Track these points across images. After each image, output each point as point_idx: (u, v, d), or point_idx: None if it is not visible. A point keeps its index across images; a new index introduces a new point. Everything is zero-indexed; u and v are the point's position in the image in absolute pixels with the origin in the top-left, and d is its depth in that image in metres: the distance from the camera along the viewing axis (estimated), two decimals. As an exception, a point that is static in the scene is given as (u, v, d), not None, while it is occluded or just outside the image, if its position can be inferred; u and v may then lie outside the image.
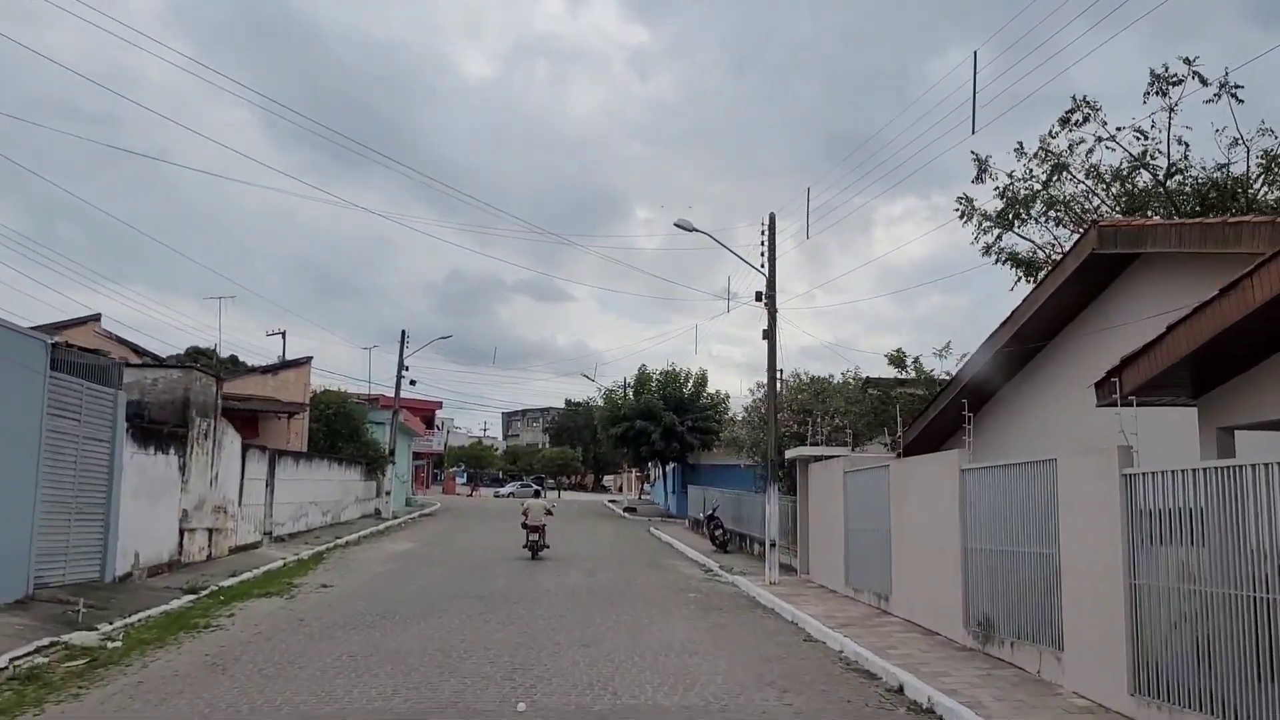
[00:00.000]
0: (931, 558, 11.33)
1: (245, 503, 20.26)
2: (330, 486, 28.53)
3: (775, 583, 16.23)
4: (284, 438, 28.86)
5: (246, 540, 20.29)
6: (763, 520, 21.34)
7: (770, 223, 16.89)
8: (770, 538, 16.43)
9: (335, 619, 11.95)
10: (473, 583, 16.03)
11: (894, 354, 22.15)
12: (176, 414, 17.01)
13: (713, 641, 11.11)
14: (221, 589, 14.36)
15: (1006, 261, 22.70)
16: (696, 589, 16.28)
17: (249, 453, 20.65)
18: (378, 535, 26.74)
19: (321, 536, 24.16)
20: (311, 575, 16.78)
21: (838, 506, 15.26)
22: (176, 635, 10.56)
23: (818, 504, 16.67)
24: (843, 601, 14.20)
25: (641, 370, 41.23)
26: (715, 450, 40.07)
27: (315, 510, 26.61)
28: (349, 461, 31.50)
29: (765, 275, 16.72)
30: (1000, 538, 9.58)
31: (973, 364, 13.21)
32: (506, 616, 12.46)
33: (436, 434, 73.96)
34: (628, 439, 39.43)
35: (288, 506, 23.76)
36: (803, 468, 17.64)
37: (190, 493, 17.03)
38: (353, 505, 31.60)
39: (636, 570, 18.95)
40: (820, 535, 16.47)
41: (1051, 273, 12.35)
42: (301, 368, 30.18)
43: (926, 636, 11.04)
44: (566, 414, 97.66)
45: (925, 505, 11.62)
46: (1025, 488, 9.01)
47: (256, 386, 29.10)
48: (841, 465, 15.19)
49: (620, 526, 34.69)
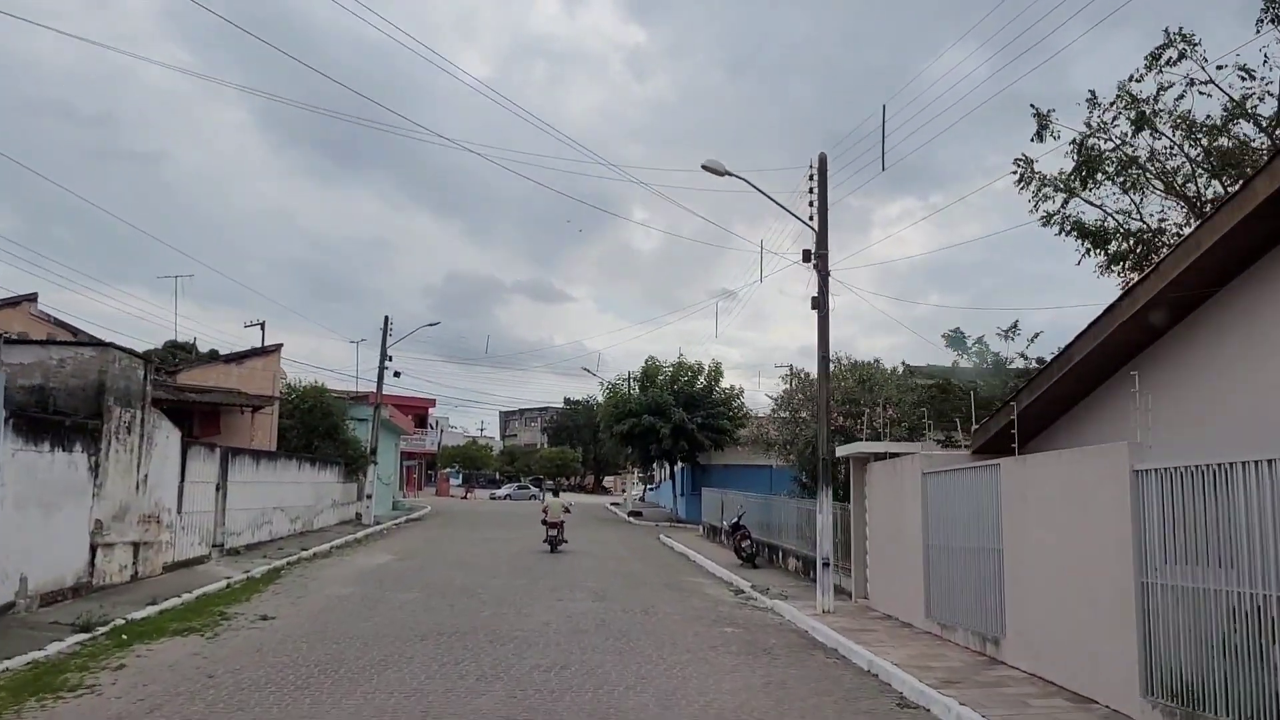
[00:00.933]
0: (1076, 592, 8.16)
1: (187, 510, 17.06)
2: (301, 490, 25.31)
3: (830, 611, 13.04)
4: (250, 435, 25.65)
5: (189, 554, 17.08)
6: (796, 529, 18.15)
7: (820, 167, 13.70)
8: (823, 555, 13.24)
9: (259, 674, 8.75)
10: (453, 613, 12.83)
11: (952, 334, 18.99)
12: (89, 402, 13.81)
13: (776, 710, 7.94)
14: (128, 624, 11.19)
15: (1071, 232, 19.51)
16: (732, 619, 13.08)
17: (192, 451, 17.43)
18: (352, 545, 23.51)
19: (286, 548, 20.95)
20: (255, 600, 13.58)
21: (913, 517, 12.08)
22: (21, 704, 7.41)
23: (882, 513, 13.49)
24: (928, 642, 10.99)
25: (649, 362, 37.99)
26: (729, 449, 36.89)
27: (281, 517, 23.39)
28: (324, 462, 28.28)
29: (814, 229, 13.53)
30: (1203, 569, 6.42)
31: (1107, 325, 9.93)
32: (491, 668, 9.26)
33: (429, 433, 70.72)
34: (634, 437, 36.19)
35: (245, 513, 20.55)
36: (858, 468, 14.46)
37: (106, 499, 13.82)
38: (328, 510, 28.37)
39: (654, 593, 15.75)
40: (885, 552, 13.28)
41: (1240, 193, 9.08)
42: (269, 356, 26.96)
43: (1077, 706, 7.85)
44: (565, 413, 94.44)
45: (1064, 519, 8.44)
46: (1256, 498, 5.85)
47: (219, 377, 25.90)
48: (918, 465, 12.01)
49: (626, 534, 31.46)
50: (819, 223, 13.59)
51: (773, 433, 20.20)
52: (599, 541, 27.22)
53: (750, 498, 21.93)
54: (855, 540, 14.44)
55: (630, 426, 35.54)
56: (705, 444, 35.82)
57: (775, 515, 19.78)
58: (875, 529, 13.77)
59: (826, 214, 13.63)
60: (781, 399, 20.03)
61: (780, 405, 20.19)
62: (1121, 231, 19.62)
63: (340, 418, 31.42)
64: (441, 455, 77.03)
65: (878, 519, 13.66)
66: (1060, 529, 8.51)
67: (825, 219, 13.60)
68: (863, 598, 14.23)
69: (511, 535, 27.88)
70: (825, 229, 13.58)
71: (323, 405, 30.58)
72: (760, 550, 19.74)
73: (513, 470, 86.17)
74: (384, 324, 32.85)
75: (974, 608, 10.30)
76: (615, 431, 36.71)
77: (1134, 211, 19.58)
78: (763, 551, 19.91)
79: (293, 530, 24.30)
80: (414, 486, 66.08)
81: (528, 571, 18.29)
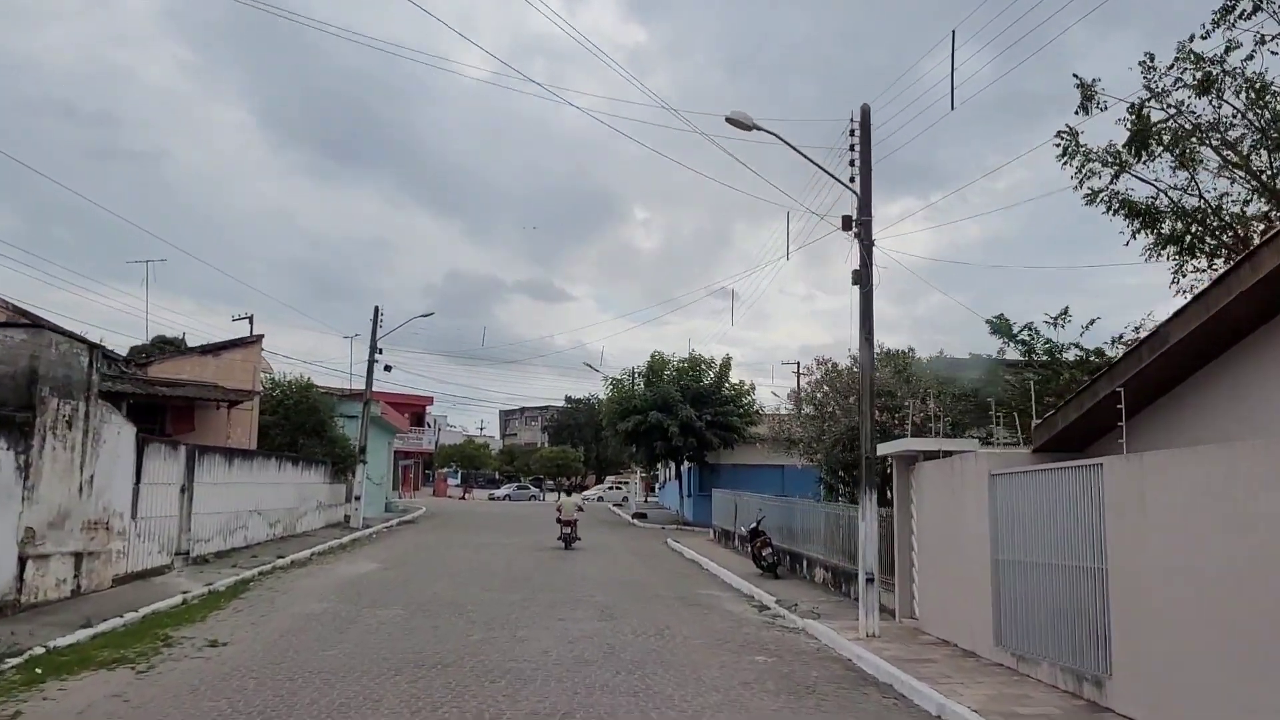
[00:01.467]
0: (1223, 627, 6.34)
1: (144, 515, 15.24)
2: (282, 491, 23.49)
3: (874, 634, 11.22)
4: (227, 432, 23.86)
5: (146, 565, 15.27)
6: (824, 535, 16.35)
7: (863, 120, 11.86)
8: (866, 568, 11.42)
9: (181, 727, 6.95)
10: (436, 636, 11.01)
11: (997, 320, 17.16)
12: (19, 393, 12.00)
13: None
14: (48, 653, 9.40)
15: (1119, 211, 17.66)
16: (761, 644, 11.26)
17: (151, 449, 15.61)
18: (336, 552, 21.68)
19: (261, 555, 19.14)
20: (210, 621, 11.76)
21: (976, 525, 10.26)
22: None
23: (934, 519, 11.66)
24: (1003, 678, 9.16)
25: (655, 356, 36.12)
26: (739, 448, 35.06)
27: (259, 521, 21.58)
28: (309, 461, 26.46)
29: (855, 192, 11.69)
30: None
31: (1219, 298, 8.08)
32: (476, 715, 7.45)
33: (426, 431, 68.91)
34: (639, 435, 34.32)
35: (216, 518, 18.74)
36: (903, 469, 12.64)
37: (40, 504, 12.02)
38: (313, 513, 26.55)
39: (667, 609, 13.93)
40: (939, 565, 11.46)
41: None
42: (249, 348, 25.11)
43: (1236, 777, 6.02)
44: (566, 412, 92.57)
45: (1204, 533, 6.61)
46: None
47: (194, 370, 24.08)
48: (983, 465, 10.19)
49: (632, 538, 29.63)
50: (861, 184, 11.76)
51: (795, 430, 18.38)
52: (603, 547, 25.39)
53: (769, 500, 20.07)
54: (899, 551, 12.61)
55: (635, 424, 33.69)
56: (714, 442, 33.96)
57: (798, 520, 17.96)
58: (925, 538, 11.94)
59: (870, 174, 11.80)
60: (805, 393, 18.21)
61: (804, 399, 18.36)
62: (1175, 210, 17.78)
63: (328, 414, 29.62)
64: (439, 454, 75.14)
65: (928, 527, 11.83)
66: (1199, 545, 6.68)
67: (869, 180, 11.77)
68: (909, 617, 12.40)
69: (509, 540, 26.07)
70: (869, 191, 11.75)
71: (309, 401, 28.79)
72: (781, 558, 17.91)
73: (512, 470, 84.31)
74: (374, 315, 31.01)
75: (1064, 638, 8.47)
76: (620, 429, 34.84)
77: (1189, 188, 17.72)
78: (784, 560, 18.08)
79: (272, 535, 22.48)
80: (410, 487, 64.29)
81: (525, 582, 16.49)
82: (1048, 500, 8.91)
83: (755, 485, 29.69)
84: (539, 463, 75.69)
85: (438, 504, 51.50)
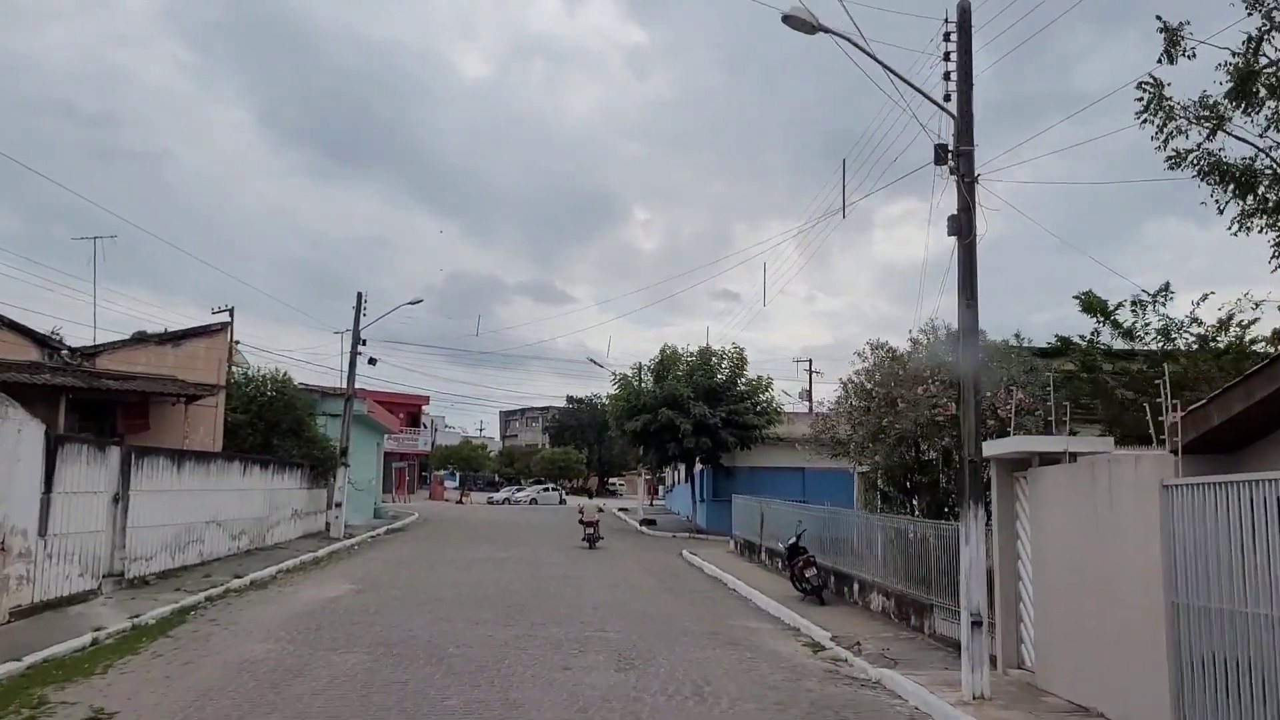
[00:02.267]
0: None
1: (58, 531, 12.50)
2: (248, 498, 20.75)
3: (984, 696, 8.46)
4: (185, 431, 21.12)
5: (60, 591, 12.52)
6: (882, 554, 13.60)
7: (961, 21, 9.10)
8: (972, 608, 8.65)
9: None
10: (403, 696, 8.27)
11: (1087, 296, 14.40)
12: None
13: None
14: None
15: (1210, 174, 14.93)
16: (834, 708, 8.50)
17: (67, 451, 12.88)
18: (306, 569, 18.91)
19: (217, 574, 16.41)
20: (111, 675, 9.03)
21: (1137, 554, 7.51)
22: None
23: (1061, 543, 8.90)
24: (1206, 776, 6.38)
25: (665, 350, 33.30)
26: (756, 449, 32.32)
27: (218, 534, 18.83)
28: (282, 464, 23.72)
29: (952, 115, 8.94)
30: None
31: None
32: None
33: (423, 432, 66.14)
34: (649, 435, 31.51)
35: (161, 531, 16.01)
36: (1005, 476, 9.90)
37: (-105, 521, 9.27)
38: (287, 522, 23.80)
39: (701, 651, 11.15)
40: (1070, 604, 8.68)
41: None
42: (214, 336, 22.35)
43: None
44: (568, 412, 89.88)
45: None
46: None
47: (151, 361, 21.35)
48: (1150, 472, 7.45)
49: (642, 549, 26.85)
50: (959, 104, 8.99)
51: (843, 428, 15.58)
52: (611, 560, 22.64)
53: (809, 511, 17.23)
54: (1002, 581, 9.84)
55: (645, 423, 30.89)
56: (730, 443, 31.16)
57: (847, 534, 15.18)
58: (1044, 566, 9.18)
59: (971, 91, 9.03)
60: (852, 384, 15.44)
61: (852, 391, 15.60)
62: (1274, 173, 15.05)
63: (306, 412, 26.86)
64: (435, 456, 72.31)
65: (1050, 552, 9.07)
66: None
67: (969, 99, 9.01)
68: (1016, 667, 9.64)
69: (507, 553, 23.32)
70: (969, 113, 8.98)
71: (285, 397, 26.02)
72: (826, 579, 15.13)
73: (512, 472, 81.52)
74: (356, 302, 28.24)
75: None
76: (627, 429, 32.03)
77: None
78: (828, 581, 15.31)
79: (235, 549, 19.73)
80: (404, 490, 61.51)
81: (522, 612, 13.75)
82: (1266, 524, 6.16)
83: (774, 489, 26.97)
84: (539, 464, 72.82)
85: (433, 509, 48.74)
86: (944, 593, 11.52)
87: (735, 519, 24.92)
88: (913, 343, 14.51)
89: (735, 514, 24.98)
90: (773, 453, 33.04)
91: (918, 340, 14.47)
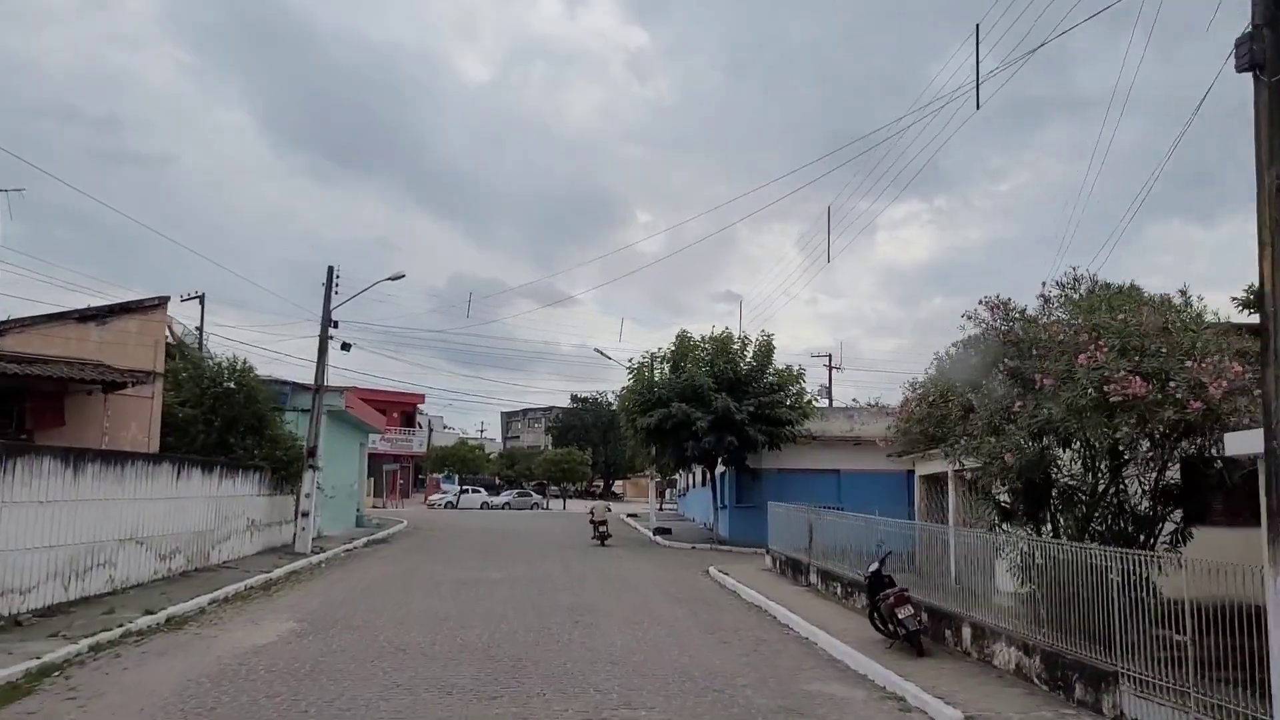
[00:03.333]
0: None
1: None
2: (185, 508, 17.03)
3: None
4: (104, 426, 17.46)
5: None
6: (971, 581, 9.80)
7: None
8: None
9: None
10: None
11: None
12: None
13: None
14: None
15: None
16: None
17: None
18: (247, 598, 15.15)
19: (123, 608, 12.72)
20: None
21: None
22: None
23: None
24: None
25: (682, 337, 29.52)
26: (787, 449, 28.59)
27: (140, 553, 15.13)
28: (234, 467, 20.00)
29: None
30: None
31: None
32: None
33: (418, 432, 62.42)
34: (664, 433, 27.71)
35: (48, 554, 12.33)
36: None
37: None
38: (240, 536, 20.09)
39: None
40: None
41: None
42: (150, 313, 18.60)
43: None
44: (572, 412, 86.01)
45: None
46: None
47: (72, 343, 17.63)
48: None
49: (659, 565, 23.08)
50: None
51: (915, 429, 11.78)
52: (625, 580, 18.89)
53: (889, 525, 13.35)
54: (1276, 632, 6.12)
55: (660, 419, 27.11)
56: (759, 441, 27.38)
57: (937, 556, 11.42)
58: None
59: None
60: (944, 365, 11.71)
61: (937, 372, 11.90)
62: None
63: (270, 407, 23.18)
64: (431, 457, 68.45)
65: None
66: None
67: None
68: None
69: (502, 573, 19.61)
70: None
71: (245, 389, 22.34)
72: (923, 620, 11.34)
73: (513, 474, 77.68)
74: (328, 276, 24.47)
75: None
76: (640, 426, 28.23)
77: None
78: (924, 621, 11.50)
79: (164, 572, 16.03)
80: (397, 495, 57.71)
81: (516, 666, 10.03)
82: None
83: (806, 494, 23.22)
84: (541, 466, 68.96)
85: (423, 516, 45.05)
86: (1135, 657, 7.78)
87: (772, 530, 21.15)
88: (1044, 300, 10.75)
89: (772, 524, 21.21)
90: (802, 453, 29.32)
91: (1049, 297, 10.71)
